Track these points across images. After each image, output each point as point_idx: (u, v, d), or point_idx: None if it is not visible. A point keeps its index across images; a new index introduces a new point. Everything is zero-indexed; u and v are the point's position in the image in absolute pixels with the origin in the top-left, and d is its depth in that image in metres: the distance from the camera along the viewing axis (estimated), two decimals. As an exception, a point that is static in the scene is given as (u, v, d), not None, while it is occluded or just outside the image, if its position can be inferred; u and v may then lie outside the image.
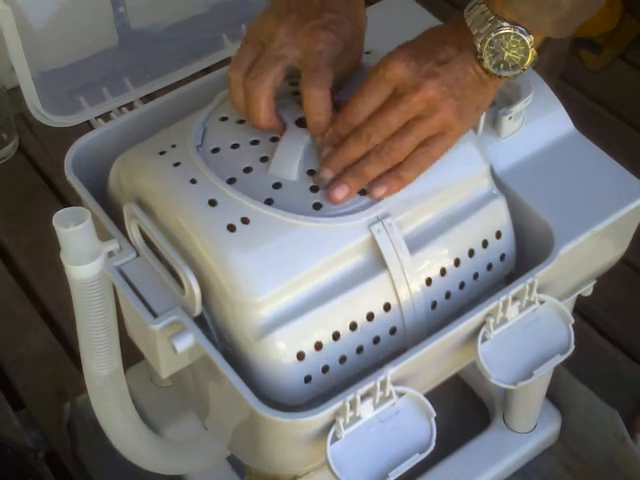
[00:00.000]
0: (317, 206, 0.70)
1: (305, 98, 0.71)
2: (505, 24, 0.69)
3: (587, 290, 0.88)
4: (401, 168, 0.71)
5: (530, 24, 0.69)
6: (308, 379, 0.70)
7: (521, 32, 0.69)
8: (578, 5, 0.68)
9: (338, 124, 0.71)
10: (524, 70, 0.71)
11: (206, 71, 0.90)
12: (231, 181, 0.71)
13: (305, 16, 0.73)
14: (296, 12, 0.73)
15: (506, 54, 0.70)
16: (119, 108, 0.90)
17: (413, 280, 0.72)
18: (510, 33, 0.69)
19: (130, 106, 0.91)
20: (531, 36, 0.69)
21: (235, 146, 0.74)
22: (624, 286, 1.29)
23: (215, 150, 0.74)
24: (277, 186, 0.71)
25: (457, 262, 0.75)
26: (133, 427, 0.84)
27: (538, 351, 0.75)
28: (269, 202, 0.70)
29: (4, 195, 1.46)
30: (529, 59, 0.70)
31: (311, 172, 0.72)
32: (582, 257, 0.79)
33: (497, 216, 0.76)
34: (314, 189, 0.71)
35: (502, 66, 0.70)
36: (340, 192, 0.70)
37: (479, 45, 0.70)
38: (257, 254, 0.68)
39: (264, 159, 0.73)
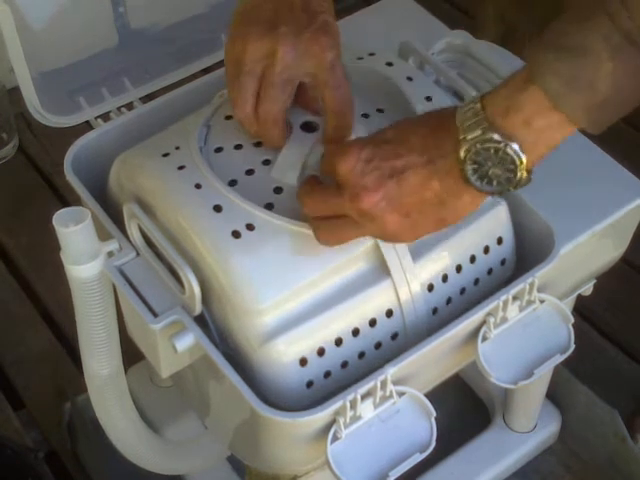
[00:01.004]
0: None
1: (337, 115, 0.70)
2: (496, 136, 0.60)
3: (587, 289, 0.88)
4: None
5: (559, 103, 0.58)
6: (310, 384, 0.70)
7: (512, 150, 0.60)
8: (620, 86, 0.58)
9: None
10: (509, 190, 0.62)
11: (206, 71, 0.90)
12: (232, 183, 0.71)
13: (295, 25, 0.68)
14: (283, 24, 0.68)
15: (491, 170, 0.61)
16: (118, 108, 0.90)
17: (415, 287, 0.72)
18: (499, 149, 0.60)
19: (129, 106, 0.91)
20: (524, 156, 0.60)
21: (238, 147, 0.74)
22: (624, 286, 1.29)
23: (218, 150, 0.74)
24: (278, 190, 0.71)
25: (459, 268, 0.74)
26: (133, 427, 0.84)
27: (538, 350, 0.75)
28: (269, 206, 0.70)
29: (4, 195, 1.46)
30: (516, 180, 0.61)
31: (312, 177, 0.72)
32: (582, 257, 0.79)
33: (499, 222, 0.76)
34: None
35: (485, 181, 0.61)
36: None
37: (462, 153, 0.61)
38: (262, 261, 0.68)
39: (266, 162, 0.73)
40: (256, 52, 0.68)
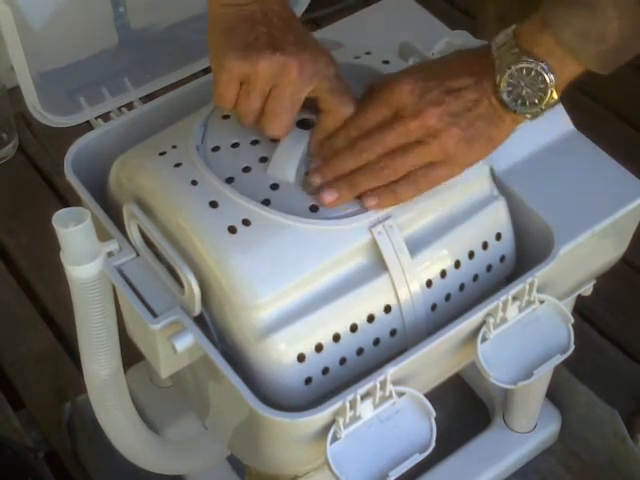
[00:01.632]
0: (313, 208, 0.70)
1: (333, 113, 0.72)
2: (529, 59, 0.67)
3: (587, 290, 0.88)
4: (397, 184, 0.70)
5: (573, 52, 0.66)
6: (308, 381, 0.70)
7: (543, 69, 0.67)
8: (626, 38, 0.66)
9: (335, 136, 0.71)
10: (542, 110, 0.69)
11: (206, 71, 0.90)
12: (229, 180, 0.71)
13: (295, 47, 0.69)
14: (286, 45, 0.69)
15: (524, 90, 0.68)
16: (119, 108, 0.90)
17: (413, 282, 0.72)
18: (531, 68, 0.67)
19: (130, 106, 0.91)
20: (552, 75, 0.67)
21: (235, 145, 0.74)
22: (624, 286, 1.29)
23: (215, 148, 0.74)
24: (275, 187, 0.71)
25: (457, 264, 0.75)
26: (133, 427, 0.84)
27: (538, 351, 0.75)
28: (266, 203, 0.70)
29: (4, 195, 1.46)
30: (547, 99, 0.68)
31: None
32: (582, 257, 0.79)
33: (497, 218, 0.76)
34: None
35: (519, 101, 0.68)
36: (328, 196, 0.70)
37: (498, 76, 0.68)
38: (258, 256, 0.68)
39: (263, 159, 0.73)
40: (268, 73, 0.69)
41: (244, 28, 0.70)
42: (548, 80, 0.67)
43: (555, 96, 0.68)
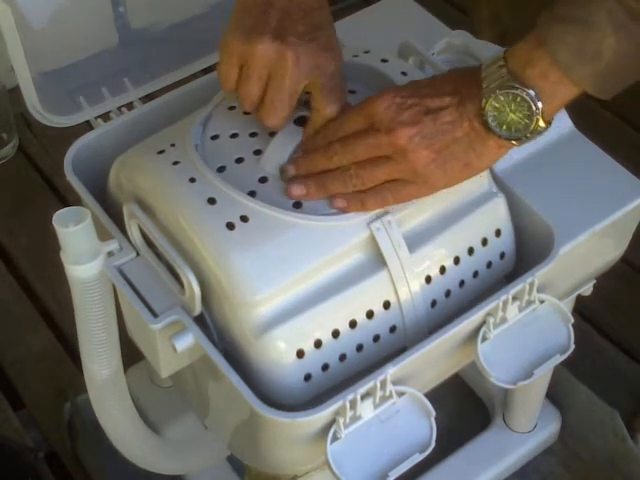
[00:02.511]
0: (297, 205, 0.71)
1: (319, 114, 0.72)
2: (515, 84, 0.65)
3: (587, 290, 0.88)
4: (365, 194, 0.70)
5: (568, 72, 0.64)
6: (308, 377, 0.70)
7: (529, 96, 0.65)
8: (622, 57, 0.63)
9: (317, 135, 0.72)
10: (527, 137, 0.67)
11: (206, 71, 0.90)
12: (221, 169, 0.72)
13: (300, 37, 0.70)
14: (291, 34, 0.69)
15: (510, 116, 0.66)
16: (119, 108, 0.90)
17: (413, 278, 0.72)
18: (517, 94, 0.65)
19: (130, 106, 0.91)
20: (540, 103, 0.65)
21: (234, 135, 0.74)
22: (624, 286, 1.29)
23: (215, 137, 0.74)
24: (263, 180, 0.72)
25: (457, 260, 0.75)
26: (133, 427, 0.84)
27: (538, 351, 0.75)
28: (251, 194, 0.70)
29: (4, 195, 1.46)
30: (532, 126, 0.66)
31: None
32: (582, 257, 0.79)
33: (496, 214, 0.76)
34: None
35: (504, 127, 0.66)
36: (296, 189, 0.70)
37: (483, 100, 0.66)
38: (256, 252, 0.68)
39: (258, 152, 0.73)
40: (264, 58, 0.69)
41: (258, 11, 0.70)
42: (534, 108, 0.65)
43: (542, 124, 0.66)
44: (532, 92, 0.65)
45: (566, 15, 0.64)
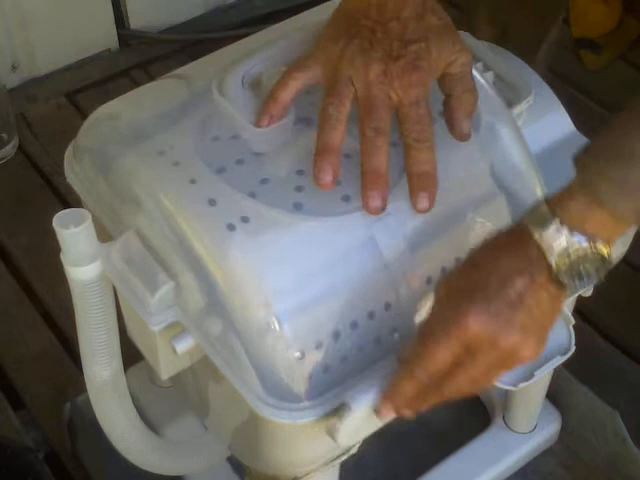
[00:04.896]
0: (297, 206, 0.70)
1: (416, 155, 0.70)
2: (582, 241, 0.63)
3: (587, 290, 0.87)
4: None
5: (610, 208, 0.63)
6: (309, 378, 0.70)
7: (599, 247, 0.63)
8: None
9: (404, 381, 0.67)
10: (601, 280, 0.66)
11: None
12: (221, 171, 0.71)
13: (387, 53, 0.69)
14: (379, 47, 0.69)
15: (582, 267, 0.64)
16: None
17: (413, 279, 0.72)
18: (587, 251, 0.63)
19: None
20: (609, 247, 0.64)
21: (235, 137, 0.74)
22: (625, 286, 1.29)
23: (215, 139, 0.74)
24: (264, 181, 0.71)
25: (458, 261, 0.74)
26: (133, 427, 0.84)
27: (538, 352, 0.75)
28: (252, 195, 0.70)
29: (4, 195, 1.46)
30: (607, 269, 0.65)
31: (300, 172, 0.72)
32: (582, 257, 0.79)
33: (498, 215, 0.76)
34: (298, 189, 0.71)
35: (577, 278, 0.64)
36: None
37: (553, 263, 0.64)
38: (257, 253, 0.68)
39: (258, 153, 0.73)
40: (348, 67, 0.69)
41: (357, 17, 0.70)
42: (606, 254, 0.64)
43: (612, 261, 0.65)
44: (600, 243, 0.64)
45: (607, 155, 0.63)
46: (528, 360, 0.67)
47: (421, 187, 0.69)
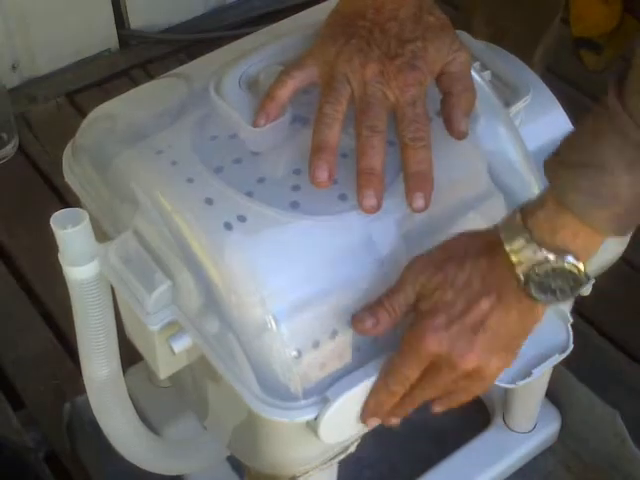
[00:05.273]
0: (294, 205, 0.70)
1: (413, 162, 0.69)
2: (550, 256, 0.62)
3: (586, 289, 0.87)
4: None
5: (588, 221, 0.61)
6: (306, 377, 0.70)
7: (568, 263, 0.62)
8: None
9: (381, 392, 0.69)
10: (573, 296, 0.65)
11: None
12: (218, 170, 0.72)
13: (384, 51, 0.69)
14: (376, 47, 0.69)
15: (553, 283, 0.63)
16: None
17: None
18: (556, 267, 0.62)
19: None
20: (580, 263, 0.62)
21: (233, 136, 0.74)
22: (624, 285, 1.29)
23: (213, 138, 0.74)
24: (261, 180, 0.72)
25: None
26: (132, 428, 0.84)
27: (537, 350, 0.75)
28: (249, 194, 0.70)
29: (4, 195, 1.46)
30: (579, 286, 0.63)
31: (297, 171, 0.72)
32: (581, 257, 0.79)
33: (494, 214, 0.76)
34: (295, 188, 0.71)
35: (549, 293, 0.63)
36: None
37: (522, 278, 0.63)
38: (254, 252, 0.68)
39: (255, 152, 0.73)
40: (347, 67, 0.69)
41: (353, 18, 0.71)
42: (576, 271, 0.62)
43: (585, 278, 0.63)
44: (570, 258, 0.62)
45: (577, 160, 0.62)
46: (496, 376, 0.68)
47: (417, 187, 0.69)
